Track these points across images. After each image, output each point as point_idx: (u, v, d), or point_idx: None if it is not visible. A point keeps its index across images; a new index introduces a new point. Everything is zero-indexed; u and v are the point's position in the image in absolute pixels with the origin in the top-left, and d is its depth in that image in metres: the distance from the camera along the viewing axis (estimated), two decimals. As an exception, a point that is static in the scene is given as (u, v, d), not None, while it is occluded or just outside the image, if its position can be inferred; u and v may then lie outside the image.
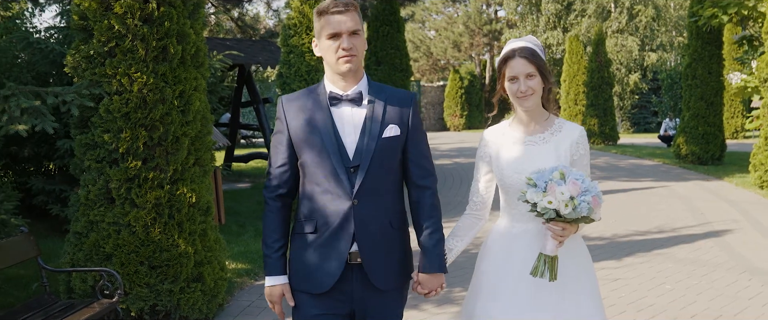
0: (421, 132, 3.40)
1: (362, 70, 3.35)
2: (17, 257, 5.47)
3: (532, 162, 3.39)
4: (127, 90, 6.04)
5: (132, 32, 6.04)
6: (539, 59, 3.39)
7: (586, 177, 3.21)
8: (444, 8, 47.70)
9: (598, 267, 8.21)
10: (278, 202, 3.36)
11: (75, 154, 6.32)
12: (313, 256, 3.28)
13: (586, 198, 3.16)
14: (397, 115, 3.32)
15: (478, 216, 3.66)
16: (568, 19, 40.07)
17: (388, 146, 3.27)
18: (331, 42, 3.21)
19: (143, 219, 6.03)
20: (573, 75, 32.23)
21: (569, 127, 3.47)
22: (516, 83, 3.38)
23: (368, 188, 3.23)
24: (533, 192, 3.21)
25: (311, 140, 3.26)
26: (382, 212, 3.29)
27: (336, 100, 3.28)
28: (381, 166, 3.25)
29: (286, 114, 3.33)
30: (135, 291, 6.04)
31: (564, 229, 3.23)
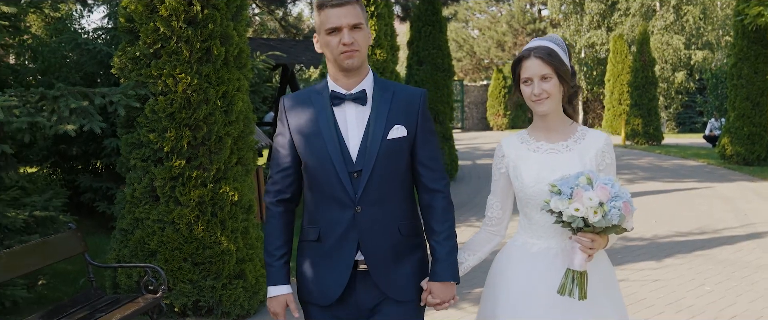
0: (431, 132, 3.15)
1: (367, 66, 3.13)
2: (65, 253, 5.64)
3: (555, 171, 3.09)
4: (171, 90, 6.19)
5: (177, 34, 6.18)
6: (557, 60, 3.10)
7: (615, 182, 2.92)
8: (487, 7, 47.59)
9: (637, 268, 8.22)
10: (280, 207, 3.16)
11: (121, 153, 6.49)
12: (318, 266, 3.10)
13: (617, 203, 2.86)
14: (403, 114, 3.07)
15: (493, 232, 3.36)
16: (612, 18, 39.72)
17: (394, 148, 3.04)
18: (331, 37, 2.98)
19: (187, 216, 6.17)
20: (617, 74, 32.01)
21: (593, 135, 3.19)
22: (530, 86, 3.10)
23: (373, 194, 3.02)
24: (558, 200, 2.91)
25: (313, 142, 3.05)
26: (389, 219, 3.06)
27: (338, 99, 3.05)
28: (386, 170, 3.03)
29: (287, 114, 3.13)
30: (178, 287, 6.19)
31: (593, 241, 2.93)
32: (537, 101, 3.08)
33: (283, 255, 3.14)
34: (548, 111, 3.11)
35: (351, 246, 3.03)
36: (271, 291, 3.14)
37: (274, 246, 3.14)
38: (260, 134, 9.72)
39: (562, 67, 3.09)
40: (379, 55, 11.34)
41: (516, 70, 3.16)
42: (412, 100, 3.11)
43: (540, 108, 3.10)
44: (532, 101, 3.10)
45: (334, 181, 3.01)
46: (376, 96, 3.07)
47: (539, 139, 3.20)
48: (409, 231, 3.12)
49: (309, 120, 3.06)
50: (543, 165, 3.14)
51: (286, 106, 3.14)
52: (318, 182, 3.05)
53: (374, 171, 3.00)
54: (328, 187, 3.03)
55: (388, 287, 3.07)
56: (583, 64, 39.60)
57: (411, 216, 3.14)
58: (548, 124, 3.19)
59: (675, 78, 36.99)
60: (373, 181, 3.01)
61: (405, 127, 3.05)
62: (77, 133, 5.92)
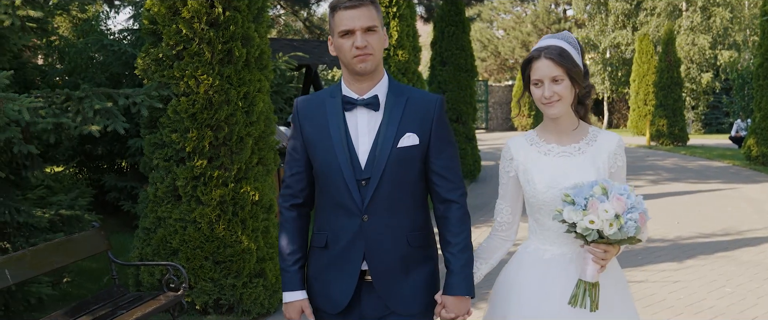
0: (447, 140, 3.02)
1: (382, 70, 3.03)
2: (89, 251, 5.74)
3: (567, 175, 2.98)
4: (193, 91, 6.28)
5: (199, 36, 6.27)
6: (568, 60, 2.95)
7: (631, 192, 2.82)
8: (512, 7, 47.51)
9: (658, 270, 8.21)
10: (293, 212, 3.08)
11: (144, 153, 6.59)
12: (325, 273, 3.03)
13: (633, 215, 2.76)
14: (417, 121, 2.97)
15: (504, 238, 3.23)
16: (637, 18, 39.50)
17: (404, 156, 2.93)
18: (344, 40, 2.90)
19: (208, 216, 6.25)
20: (643, 75, 31.88)
21: (605, 137, 3.08)
22: (540, 88, 2.97)
23: (381, 203, 2.93)
24: (572, 211, 2.79)
25: (322, 147, 2.97)
26: (397, 229, 2.96)
27: (350, 104, 2.97)
28: (395, 179, 2.93)
29: (300, 117, 3.06)
30: (200, 285, 6.27)
31: (606, 252, 2.84)
32: (547, 104, 2.96)
33: (298, 260, 3.06)
34: (559, 114, 2.99)
35: (357, 256, 2.96)
36: (287, 297, 3.07)
37: (288, 251, 3.06)
38: (281, 134, 9.80)
39: (574, 68, 2.95)
40: (401, 56, 11.39)
41: (526, 70, 3.03)
42: (427, 107, 3.00)
43: (550, 111, 2.97)
44: (542, 104, 2.97)
45: (342, 188, 2.94)
46: (389, 101, 2.97)
47: (550, 141, 3.08)
48: (419, 242, 3.02)
49: (320, 124, 2.99)
50: (555, 169, 3.01)
51: (299, 108, 3.08)
52: (326, 188, 2.99)
53: (383, 179, 2.92)
54: (335, 194, 2.96)
55: (392, 300, 2.99)
56: (607, 64, 39.42)
57: (422, 227, 3.04)
58: (559, 126, 3.06)
59: (701, 78, 36.72)
60: (381, 190, 2.92)
61: (418, 135, 2.95)
62: (102, 133, 6.02)
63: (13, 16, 5.67)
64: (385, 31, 3.02)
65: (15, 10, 5.68)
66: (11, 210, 6.06)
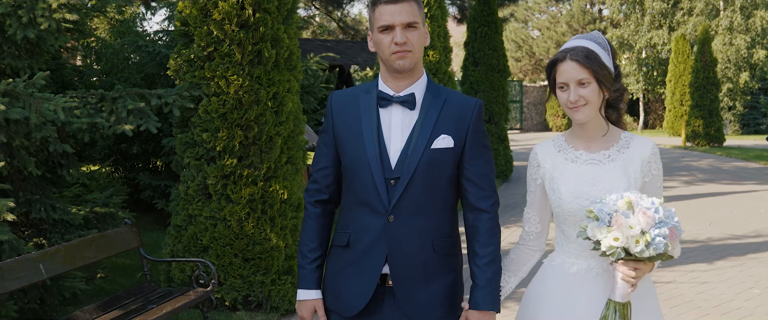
0: (483, 146, 2.91)
1: (421, 69, 2.93)
2: (121, 247, 5.89)
3: (596, 184, 2.81)
4: (224, 92, 6.40)
5: (229, 37, 6.39)
6: (595, 62, 2.77)
7: (659, 205, 2.61)
8: (547, 7, 47.31)
9: (687, 270, 8.19)
10: (318, 208, 3.00)
11: (176, 152, 6.74)
12: (344, 273, 2.92)
13: (662, 231, 2.55)
14: (453, 123, 2.85)
15: (532, 248, 3.08)
16: (674, 17, 39.13)
17: (437, 159, 2.83)
18: (383, 36, 2.81)
19: (238, 214, 6.37)
20: (679, 75, 31.59)
21: (639, 143, 2.88)
22: (566, 91, 2.80)
23: (408, 204, 2.82)
24: (595, 227, 2.62)
25: (353, 143, 2.88)
26: (423, 233, 2.85)
27: (385, 100, 2.87)
28: (426, 181, 2.83)
29: (333, 111, 2.97)
30: (229, 281, 6.40)
31: (637, 270, 2.64)
32: (573, 108, 2.80)
33: (316, 258, 2.97)
34: (585, 119, 2.83)
35: (379, 258, 2.85)
36: (300, 295, 3.00)
37: (308, 248, 2.97)
38: (311, 134, 9.92)
39: (601, 71, 2.78)
40: (431, 57, 11.46)
41: (551, 73, 2.87)
42: (464, 110, 2.89)
43: (576, 116, 2.82)
44: (568, 108, 2.83)
45: (369, 186, 2.84)
46: (426, 101, 2.88)
47: (578, 147, 2.91)
48: (444, 250, 2.90)
49: (352, 119, 2.90)
50: (582, 178, 2.85)
51: (333, 102, 2.99)
52: (353, 185, 2.90)
53: (413, 180, 2.81)
54: (362, 192, 2.86)
55: (410, 306, 2.86)
56: (643, 64, 39.12)
57: (449, 234, 2.92)
58: (588, 131, 2.90)
59: (739, 78, 36.28)
60: (410, 191, 2.82)
61: (453, 138, 2.84)
62: (135, 132, 6.17)
63: (49, 19, 5.82)
64: (426, 28, 2.93)
65: (51, 13, 5.83)
66: (47, 207, 6.24)
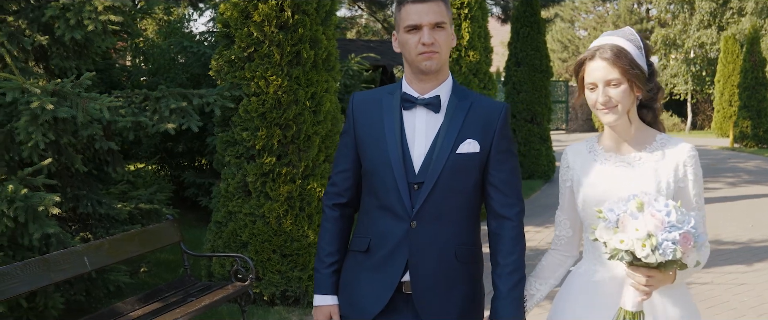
0: (509, 152, 2.83)
1: (447, 71, 2.85)
2: (162, 241, 6.08)
3: (622, 189, 2.62)
4: (263, 92, 6.57)
5: (269, 38, 6.56)
6: (626, 61, 2.61)
7: (675, 208, 2.43)
8: (594, 7, 46.95)
9: (725, 272, 8.17)
10: (336, 212, 2.93)
11: (217, 150, 6.93)
12: (362, 279, 2.84)
13: (671, 235, 2.37)
14: (479, 128, 2.78)
15: (564, 254, 2.96)
16: (723, 17, 38.57)
17: (463, 164, 2.75)
18: (409, 36, 2.72)
19: (276, 211, 6.53)
20: (728, 75, 31.16)
21: (674, 145, 2.71)
22: (595, 91, 2.66)
23: (432, 210, 2.74)
24: (604, 228, 2.48)
25: (375, 146, 2.80)
26: (446, 240, 2.77)
27: (409, 102, 2.79)
28: (450, 186, 2.75)
29: (354, 112, 2.89)
30: (267, 277, 6.56)
31: (650, 278, 2.47)
32: (602, 110, 2.66)
33: (334, 263, 2.92)
34: (615, 121, 2.68)
35: (399, 264, 2.76)
36: (317, 300, 2.93)
37: (326, 252, 2.92)
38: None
39: (632, 70, 2.62)
40: (472, 57, 11.53)
41: (579, 72, 2.73)
42: (491, 114, 2.81)
43: (606, 118, 2.68)
44: (596, 109, 2.69)
45: (392, 191, 2.76)
46: (451, 104, 2.80)
47: (609, 149, 2.78)
48: (466, 258, 2.82)
49: (375, 121, 2.83)
50: (610, 181, 2.72)
51: (354, 103, 2.92)
52: (375, 189, 2.82)
53: (437, 185, 2.73)
54: (384, 196, 2.78)
55: (427, 314, 2.77)
56: (691, 64, 38.64)
57: (472, 242, 2.85)
58: (619, 133, 2.75)
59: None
60: (434, 196, 2.74)
61: (479, 143, 2.77)
62: (180, 131, 6.35)
63: (95, 21, 6.03)
64: (453, 29, 2.87)
65: (98, 15, 6.05)
66: (93, 203, 6.46)
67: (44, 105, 5.36)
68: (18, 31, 6.21)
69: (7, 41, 6.08)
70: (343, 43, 17.97)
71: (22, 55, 6.36)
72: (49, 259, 4.83)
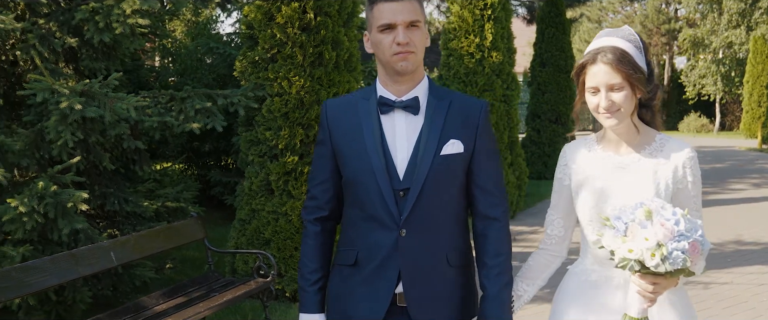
0: (492, 151, 2.74)
1: (422, 71, 2.73)
2: (187, 238, 6.24)
3: (620, 191, 2.65)
4: (286, 92, 6.70)
5: (292, 40, 6.69)
6: (629, 64, 2.56)
7: (683, 216, 2.41)
8: (621, 7, 46.71)
9: (746, 272, 8.19)
10: (317, 226, 2.80)
11: (241, 150, 7.07)
12: (352, 294, 2.71)
13: (681, 245, 2.36)
14: (461, 127, 2.68)
15: (553, 253, 2.92)
16: (752, 17, 38.25)
17: (447, 166, 2.64)
18: (383, 35, 2.59)
19: (298, 209, 6.66)
20: (757, 76, 30.98)
21: (674, 146, 2.67)
22: (596, 96, 2.60)
23: (420, 216, 2.62)
24: (611, 236, 2.44)
25: (355, 154, 2.67)
26: (437, 246, 2.67)
27: (387, 106, 2.66)
28: (437, 190, 2.63)
29: (329, 121, 2.75)
30: (289, 273, 6.70)
31: (656, 285, 2.46)
32: (605, 115, 2.61)
33: (318, 279, 2.80)
34: (618, 125, 2.65)
35: (391, 275, 2.65)
36: (303, 319, 2.81)
37: (309, 269, 2.80)
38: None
39: (635, 74, 2.58)
40: (495, 58, 11.60)
41: (580, 76, 2.66)
42: (471, 113, 2.71)
43: (608, 123, 2.63)
44: (598, 113, 2.64)
45: (377, 200, 2.64)
46: (430, 105, 2.68)
47: (607, 149, 2.75)
48: (459, 261, 2.74)
49: (352, 128, 2.70)
50: (607, 182, 2.70)
51: (328, 111, 2.78)
52: (359, 199, 2.68)
53: (424, 190, 2.62)
54: (369, 206, 2.65)
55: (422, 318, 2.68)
56: (720, 64, 38.38)
57: (463, 246, 2.77)
58: (619, 134, 2.71)
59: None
60: (421, 202, 2.62)
61: (461, 143, 2.67)
62: (206, 131, 6.50)
63: (123, 24, 6.20)
64: (427, 28, 2.75)
65: (126, 19, 6.21)
66: (120, 200, 6.64)
67: (73, 105, 5.53)
68: (49, 34, 6.39)
69: (38, 43, 6.26)
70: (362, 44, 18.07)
71: (53, 56, 6.54)
72: (77, 254, 4.99)
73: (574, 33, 38.87)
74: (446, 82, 11.54)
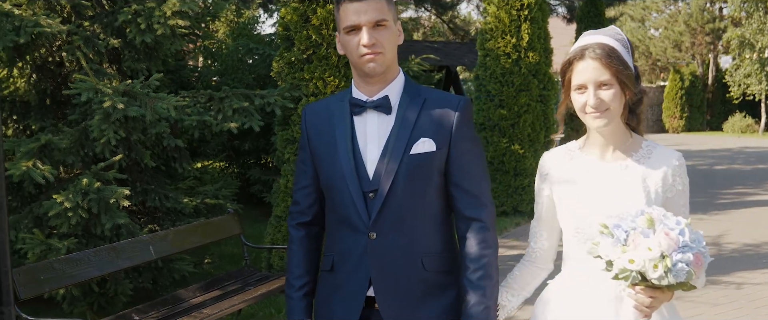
0: (472, 148, 2.61)
1: (396, 69, 2.63)
2: (224, 233, 6.44)
3: (608, 198, 2.52)
4: (321, 92, 6.87)
5: (326, 41, 6.86)
6: (618, 61, 2.45)
7: (686, 226, 2.29)
8: (665, 6, 46.24)
9: (763, 273, 8.17)
10: (301, 231, 2.73)
11: (277, 148, 7.26)
12: (330, 299, 2.66)
13: (686, 256, 2.22)
14: (435, 124, 2.57)
15: (539, 265, 2.78)
16: (800, 15, 37.63)
17: (418, 165, 2.53)
18: (350, 37, 2.52)
19: (332, 206, 6.82)
20: (803, 76, 30.48)
21: (662, 153, 2.57)
22: (584, 94, 2.48)
23: (391, 218, 2.53)
24: (610, 245, 2.29)
25: (328, 157, 2.61)
26: (410, 250, 2.55)
27: (358, 107, 2.59)
28: (408, 191, 2.53)
29: (307, 125, 2.70)
30: (323, 269, 6.85)
31: (653, 298, 2.31)
32: (592, 114, 2.48)
33: (303, 285, 2.71)
34: (606, 126, 2.51)
35: (362, 280, 2.57)
36: None
37: (294, 275, 2.72)
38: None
39: (624, 71, 2.46)
40: (532, 58, 11.66)
41: (566, 73, 2.54)
42: (447, 110, 2.59)
43: (596, 123, 2.49)
44: (585, 113, 2.50)
45: (348, 203, 2.56)
46: (402, 103, 2.59)
47: (591, 154, 2.61)
48: (437, 266, 2.60)
49: (327, 131, 2.64)
50: (593, 190, 2.56)
51: (306, 116, 2.73)
52: (332, 203, 2.63)
53: (393, 190, 2.52)
54: (341, 209, 2.59)
55: None
56: (766, 64, 37.82)
57: (442, 249, 2.63)
58: (605, 139, 2.57)
59: None
60: (390, 203, 2.53)
61: (434, 141, 2.55)
62: (244, 130, 6.69)
63: (164, 26, 6.42)
64: (399, 25, 2.65)
65: (166, 20, 6.43)
66: (161, 197, 6.86)
67: (115, 104, 5.76)
68: (93, 36, 6.63)
69: (83, 45, 6.51)
70: (407, 44, 18.25)
71: (97, 57, 6.79)
72: (118, 247, 5.21)
73: (617, 32, 38.29)
74: (483, 82, 11.62)
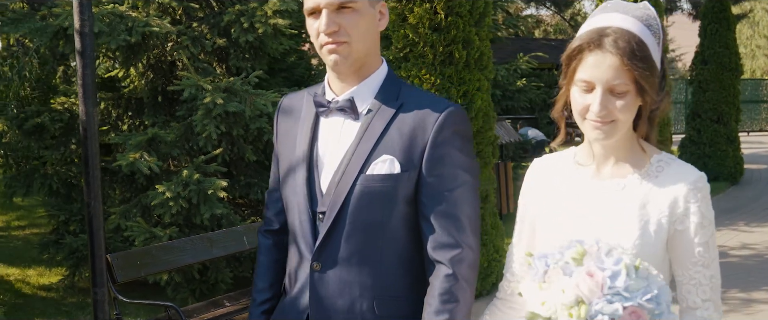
0: (453, 173, 2.06)
1: (373, 64, 2.12)
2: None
3: (595, 226, 1.93)
4: (417, 89, 6.98)
5: (423, 40, 6.97)
6: (643, 62, 1.84)
7: (634, 270, 1.77)
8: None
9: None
10: (268, 240, 2.34)
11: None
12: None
13: (610, 307, 1.72)
14: (405, 138, 2.05)
15: (513, 305, 2.15)
16: None
17: (375, 188, 2.05)
18: (311, 21, 2.06)
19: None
20: None
21: (677, 171, 1.94)
22: (588, 95, 1.90)
23: (337, 249, 2.08)
24: (530, 281, 1.86)
25: (286, 162, 2.22)
26: (360, 289, 2.09)
27: (322, 107, 2.14)
28: (361, 218, 2.06)
29: (278, 120, 2.30)
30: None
31: None
32: (594, 124, 1.90)
33: (265, 301, 2.33)
34: (606, 140, 1.94)
35: (300, 313, 2.16)
36: None
37: (258, 288, 2.35)
38: (510, 130, 10.31)
39: (648, 76, 1.86)
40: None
41: (570, 62, 1.93)
42: (424, 120, 2.06)
43: (594, 134, 1.92)
44: (584, 119, 1.93)
45: (296, 221, 2.16)
46: (372, 108, 2.10)
47: (585, 168, 2.05)
48: (395, 311, 2.11)
49: (291, 131, 2.22)
50: (577, 212, 1.99)
51: (280, 109, 2.32)
52: (290, 217, 2.22)
53: (342, 216, 2.07)
54: (292, 227, 2.19)
55: None
56: None
57: (405, 294, 2.13)
58: (604, 149, 2.01)
59: None
60: (339, 231, 2.07)
61: (399, 160, 2.05)
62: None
63: (265, 25, 6.68)
64: (378, 9, 2.12)
65: (267, 19, 6.69)
66: (263, 190, 7.13)
67: (216, 100, 6.05)
68: (201, 36, 6.97)
69: (191, 44, 6.85)
70: (523, 41, 18.15)
71: (205, 56, 7.13)
72: (213, 237, 5.49)
73: (750, 28, 37.03)
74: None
